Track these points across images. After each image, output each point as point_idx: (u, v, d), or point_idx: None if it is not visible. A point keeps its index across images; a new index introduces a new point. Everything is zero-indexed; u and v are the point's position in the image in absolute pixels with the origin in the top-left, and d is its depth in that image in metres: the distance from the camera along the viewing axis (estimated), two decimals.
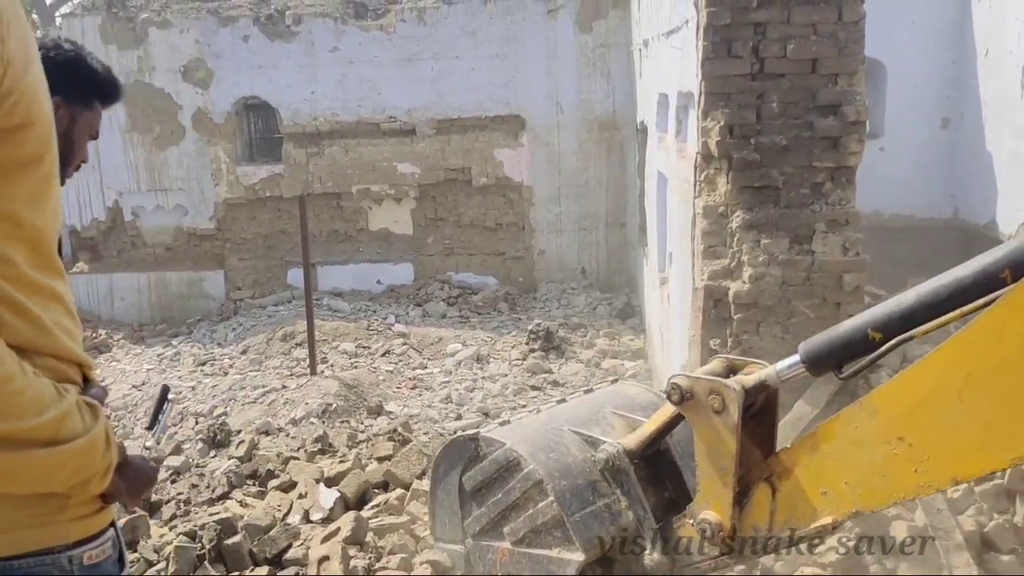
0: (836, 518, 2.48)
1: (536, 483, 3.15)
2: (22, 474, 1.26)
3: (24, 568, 1.30)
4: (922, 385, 2.18)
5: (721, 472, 2.78)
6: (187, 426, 7.63)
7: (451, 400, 7.88)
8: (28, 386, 1.24)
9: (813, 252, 5.15)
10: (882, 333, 2.26)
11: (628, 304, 10.84)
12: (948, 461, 2.16)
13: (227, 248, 12.15)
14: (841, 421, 2.41)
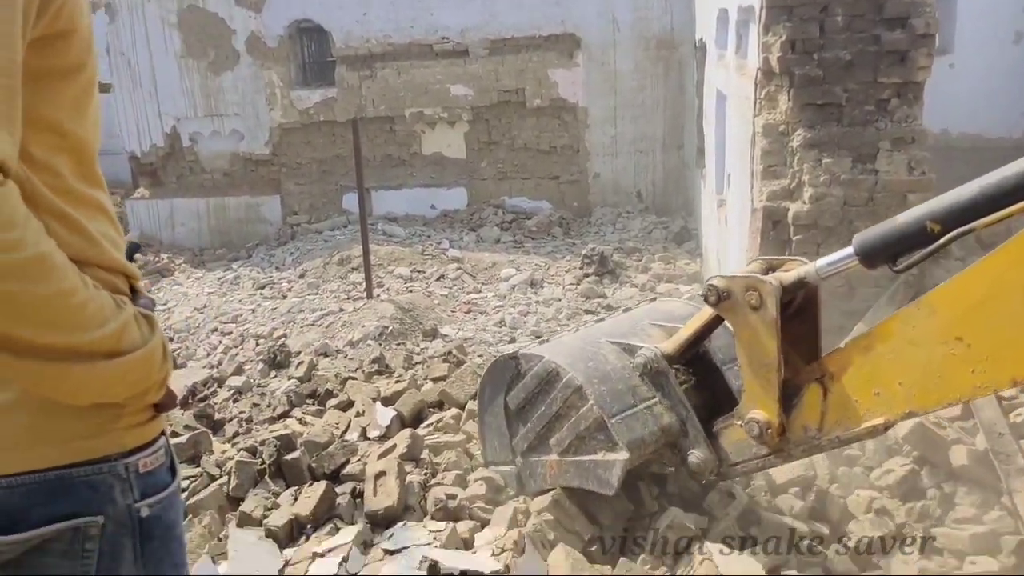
0: (888, 419, 2.44)
1: (576, 389, 3.17)
2: (85, 386, 1.28)
3: (83, 476, 1.33)
4: (983, 284, 2.11)
5: (764, 369, 2.76)
6: (248, 347, 7.80)
7: (505, 324, 7.91)
8: (91, 298, 1.25)
9: (876, 171, 4.99)
10: (941, 225, 2.18)
11: (684, 228, 10.70)
12: (1008, 361, 2.10)
13: (283, 173, 12.24)
14: (898, 321, 2.35)
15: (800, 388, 2.71)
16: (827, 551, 3.26)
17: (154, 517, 1.41)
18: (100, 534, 1.34)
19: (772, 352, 2.74)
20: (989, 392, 2.22)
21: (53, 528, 1.30)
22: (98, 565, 1.34)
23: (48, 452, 1.30)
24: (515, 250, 10.56)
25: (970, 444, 3.78)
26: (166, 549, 1.44)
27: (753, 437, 2.82)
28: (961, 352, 2.19)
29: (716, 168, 7.84)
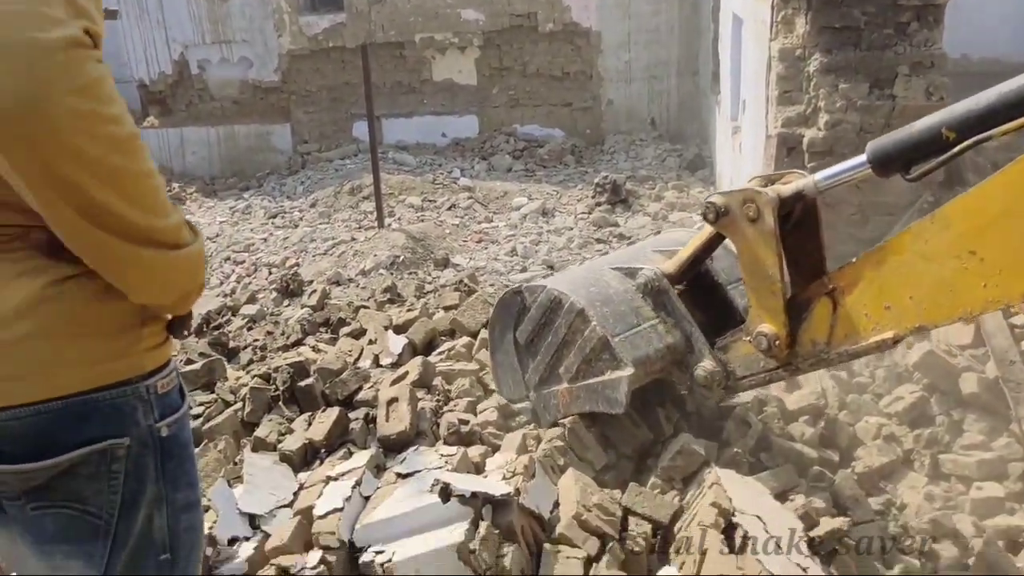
0: (898, 332, 2.44)
1: (578, 313, 3.19)
2: (155, 274, 1.34)
3: (108, 399, 1.36)
4: (999, 198, 2.08)
5: (768, 282, 2.77)
6: (261, 276, 7.83)
7: (516, 253, 7.90)
8: (162, 186, 1.31)
9: (894, 96, 4.90)
10: (957, 132, 2.14)
11: (699, 155, 10.58)
12: (1021, 275, 2.09)
13: (292, 101, 12.12)
14: (911, 235, 2.34)
15: (809, 303, 2.72)
16: (835, 476, 3.30)
17: (172, 436, 1.45)
18: (126, 455, 1.37)
19: (773, 264, 2.74)
20: (1000, 306, 2.21)
21: (82, 452, 1.33)
22: (124, 486, 1.37)
23: (72, 377, 1.32)
24: (527, 179, 10.49)
25: (980, 372, 3.78)
26: (182, 468, 1.48)
27: (761, 351, 2.83)
28: (974, 266, 2.17)
29: (731, 94, 7.72)
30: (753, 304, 2.87)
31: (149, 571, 1.43)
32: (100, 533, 1.38)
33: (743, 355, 2.97)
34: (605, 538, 2.70)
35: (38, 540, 1.38)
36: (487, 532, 2.54)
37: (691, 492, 2.94)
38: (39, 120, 1.12)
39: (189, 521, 1.49)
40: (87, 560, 1.38)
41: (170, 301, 1.40)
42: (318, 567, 2.55)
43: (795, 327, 2.76)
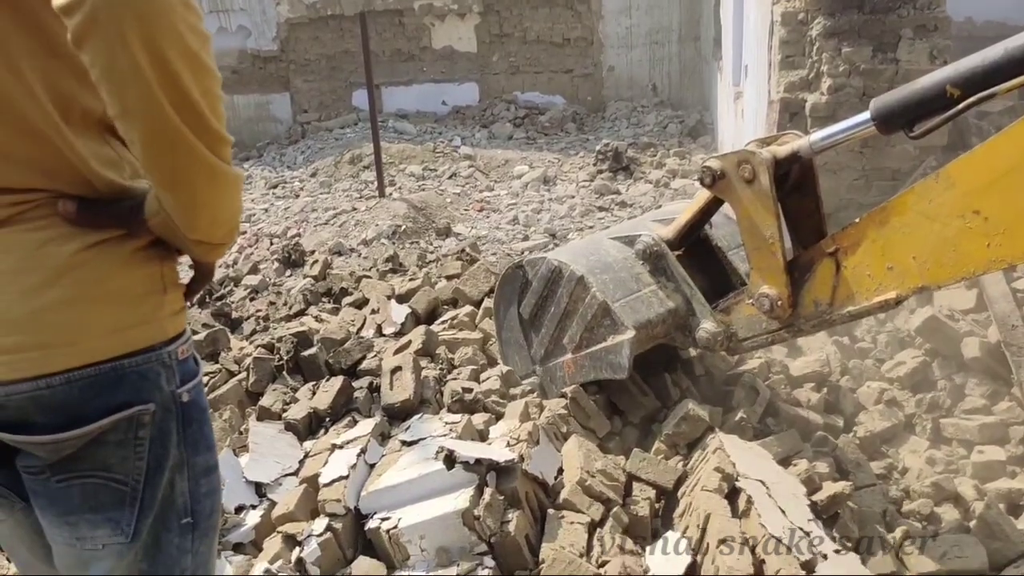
0: (900, 293, 2.45)
1: (578, 280, 3.20)
2: (225, 191, 1.33)
3: (134, 365, 1.36)
4: (1004, 158, 2.07)
5: (768, 242, 2.78)
6: (262, 247, 7.82)
7: (518, 222, 7.88)
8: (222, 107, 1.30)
9: (897, 60, 4.86)
10: (961, 89, 2.13)
11: (700, 122, 10.52)
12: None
13: (292, 70, 12.04)
14: (915, 194, 2.33)
15: (811, 264, 2.72)
16: (838, 441, 3.32)
17: (192, 401, 1.46)
18: (152, 421, 1.38)
19: (772, 224, 2.76)
20: (1003, 266, 2.20)
21: (111, 419, 1.33)
22: (149, 451, 1.39)
23: (102, 344, 1.33)
24: (528, 147, 10.44)
25: (982, 336, 3.79)
26: (201, 432, 1.49)
27: (764, 312, 2.84)
28: (978, 225, 2.17)
29: (733, 59, 7.66)
30: (754, 266, 2.88)
31: (172, 535, 1.45)
32: (127, 500, 1.38)
33: (745, 316, 2.98)
34: (609, 503, 2.72)
35: (63, 512, 1.39)
36: (491, 498, 2.56)
37: (695, 456, 2.95)
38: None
39: (209, 485, 1.50)
40: (113, 527, 1.39)
41: (220, 235, 1.39)
42: (324, 534, 2.57)
43: (797, 288, 2.76)
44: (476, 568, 2.45)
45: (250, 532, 2.76)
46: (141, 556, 1.43)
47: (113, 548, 1.40)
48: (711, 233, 3.37)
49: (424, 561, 2.51)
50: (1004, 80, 2.03)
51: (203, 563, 1.53)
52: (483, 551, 2.51)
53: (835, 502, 2.80)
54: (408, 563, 2.52)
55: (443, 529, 2.52)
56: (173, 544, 1.45)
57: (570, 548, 2.44)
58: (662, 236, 3.25)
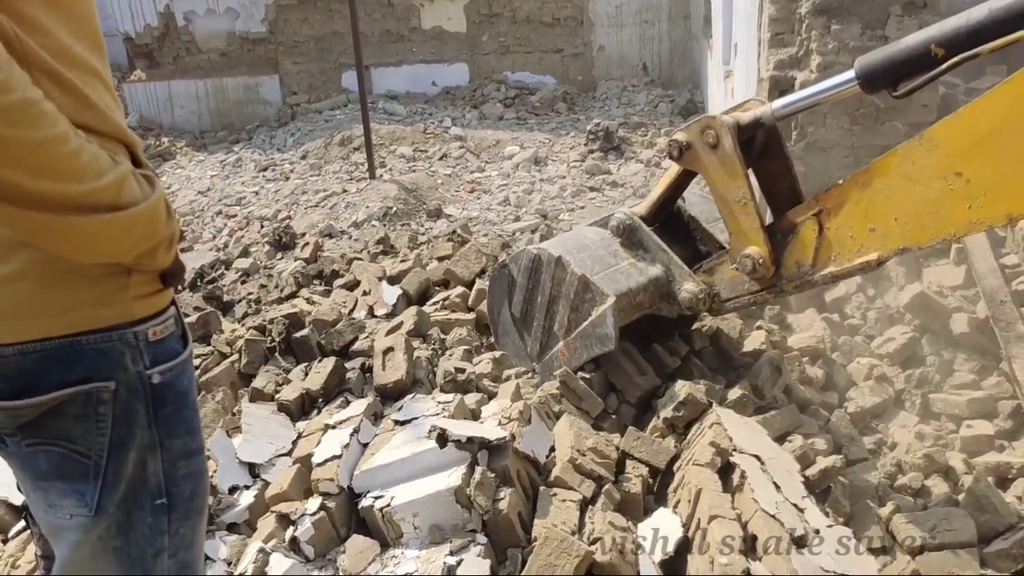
0: (882, 254, 2.46)
1: (557, 262, 3.24)
2: (89, 241, 1.28)
3: (93, 343, 1.36)
4: (987, 119, 2.08)
5: (741, 203, 2.82)
6: (253, 230, 7.81)
7: (509, 203, 7.88)
8: (83, 148, 1.24)
9: (886, 38, 4.86)
10: (945, 49, 2.14)
11: (691, 101, 10.50)
12: (1006, 197, 2.10)
13: (281, 52, 11.97)
14: (898, 156, 2.34)
15: (794, 225, 2.74)
16: (832, 416, 3.34)
17: (166, 384, 1.45)
18: (112, 399, 1.39)
19: (742, 184, 2.81)
20: (984, 228, 2.22)
21: (66, 392, 1.35)
22: (112, 428, 1.39)
23: (55, 322, 1.33)
24: (518, 127, 10.42)
25: (971, 312, 3.81)
26: (179, 415, 1.49)
27: (746, 273, 2.86)
28: (960, 187, 2.18)
29: (723, 38, 7.64)
30: (733, 230, 2.91)
31: (145, 515, 1.46)
32: (90, 473, 1.40)
33: (728, 278, 3.01)
34: (600, 480, 2.74)
35: (34, 476, 1.42)
36: (483, 476, 2.57)
37: (693, 431, 2.96)
38: None
39: (189, 468, 1.50)
40: (79, 499, 1.41)
41: (128, 259, 1.36)
42: (318, 513, 2.59)
43: (780, 249, 2.78)
44: (469, 545, 2.47)
45: (244, 512, 2.78)
46: (114, 532, 1.44)
47: (79, 520, 1.42)
48: (685, 206, 3.41)
49: (417, 538, 2.52)
50: (988, 40, 2.03)
51: (186, 544, 1.54)
52: (476, 528, 2.52)
53: (826, 476, 2.83)
54: (401, 541, 2.54)
55: (436, 507, 2.53)
56: (146, 523, 1.46)
57: (562, 525, 2.46)
58: (635, 212, 3.29)
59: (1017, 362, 3.50)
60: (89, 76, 1.34)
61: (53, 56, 1.26)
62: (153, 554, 1.48)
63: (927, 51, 2.19)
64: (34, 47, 1.24)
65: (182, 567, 1.53)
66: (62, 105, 1.24)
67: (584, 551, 2.29)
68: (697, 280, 3.10)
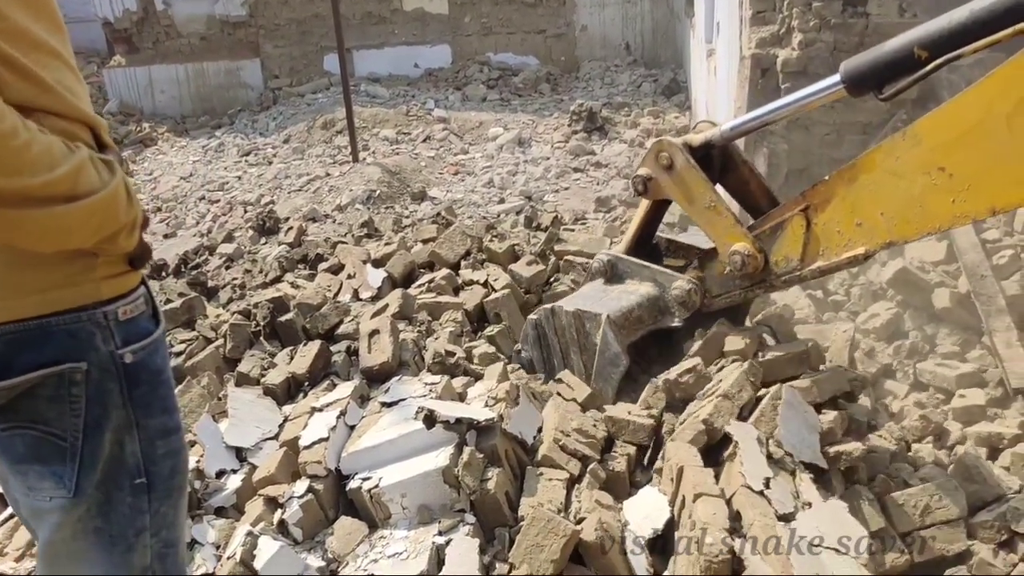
0: (869, 248, 2.50)
1: (552, 312, 3.30)
2: (47, 232, 1.28)
3: (63, 324, 1.36)
4: (969, 114, 2.11)
5: (711, 208, 2.90)
6: (236, 215, 7.77)
7: (494, 184, 7.87)
8: (34, 141, 1.22)
9: (868, 14, 4.87)
10: (929, 51, 2.17)
11: (674, 80, 10.50)
12: (988, 191, 2.14)
13: (261, 35, 11.88)
14: (882, 152, 2.38)
15: (782, 221, 2.77)
16: None
17: (139, 363, 1.45)
18: (85, 380, 1.39)
19: (703, 189, 2.90)
20: (968, 221, 2.26)
21: (37, 374, 1.34)
22: (86, 409, 1.39)
23: (24, 303, 1.33)
24: (502, 108, 10.39)
25: (952, 287, 3.84)
26: (155, 394, 1.49)
27: (736, 270, 2.90)
28: (943, 182, 2.21)
29: (705, 17, 7.63)
30: (714, 236, 2.97)
31: (124, 495, 1.46)
32: (67, 455, 1.40)
33: (718, 275, 3.05)
34: (586, 460, 2.75)
35: (12, 460, 1.42)
36: (471, 456, 2.58)
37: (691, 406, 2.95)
38: None
39: (167, 447, 1.51)
40: (57, 481, 1.41)
41: (88, 245, 1.35)
42: (305, 496, 2.59)
43: (768, 245, 2.82)
44: (457, 525, 2.48)
45: (231, 496, 2.78)
46: (95, 512, 1.44)
47: (58, 502, 1.42)
48: (663, 236, 3.50)
49: (405, 519, 2.53)
50: (970, 41, 2.06)
51: (168, 523, 1.54)
52: (464, 508, 2.53)
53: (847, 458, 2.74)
54: (390, 521, 2.55)
55: (424, 487, 2.54)
56: (126, 503, 1.47)
57: (549, 504, 2.48)
58: (614, 252, 3.38)
59: (998, 335, 3.54)
60: (50, 58, 1.33)
61: (10, 40, 1.25)
62: (134, 533, 1.48)
63: (911, 53, 2.22)
64: None
65: (164, 545, 1.53)
66: (19, 91, 1.24)
67: (571, 531, 2.30)
68: (687, 277, 3.13)
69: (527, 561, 2.27)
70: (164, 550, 1.53)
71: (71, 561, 1.46)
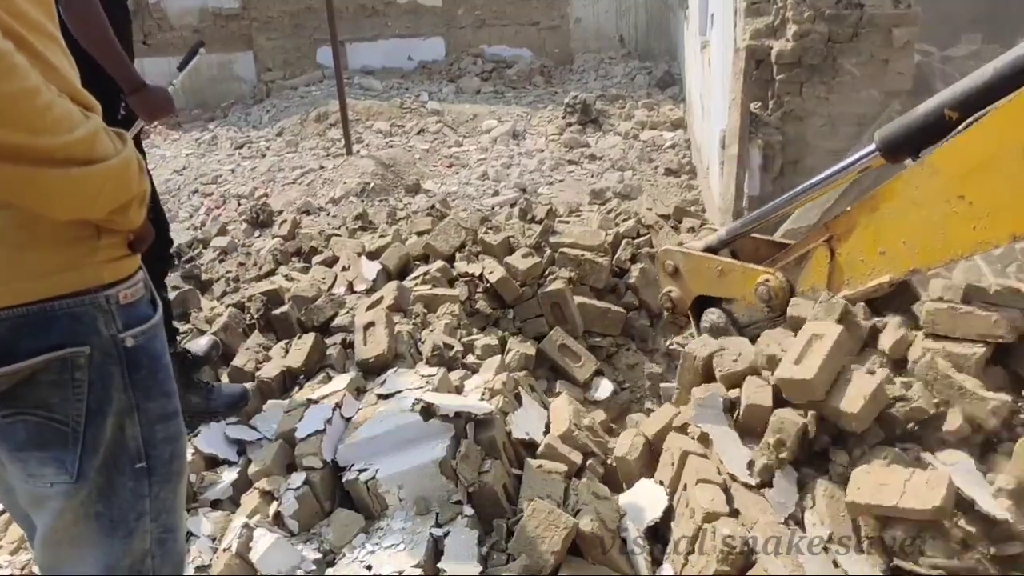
0: (893, 276, 2.53)
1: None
2: (64, 195, 1.28)
3: (65, 308, 1.35)
4: (984, 144, 2.14)
5: (721, 272, 3.03)
6: (230, 208, 7.75)
7: (488, 177, 7.86)
8: (55, 102, 1.23)
9: (862, 6, 4.87)
10: (959, 111, 2.20)
11: (668, 72, 10.49)
12: (1007, 217, 2.16)
13: (254, 27, 11.83)
14: (902, 182, 2.40)
15: (806, 252, 2.81)
16: None
17: (140, 347, 1.45)
18: (87, 364, 1.38)
19: (708, 260, 3.05)
20: (990, 248, 2.28)
21: (41, 359, 1.33)
22: (88, 394, 1.38)
23: (27, 286, 1.32)
24: (496, 101, 10.37)
25: (947, 278, 3.84)
26: (154, 378, 1.48)
27: (763, 302, 2.92)
28: (963, 210, 2.23)
29: (700, 9, 7.62)
30: (737, 291, 3.04)
31: (126, 479, 1.46)
32: (69, 440, 1.39)
33: (745, 307, 3.09)
34: (588, 455, 2.76)
35: (12, 448, 1.41)
36: (468, 448, 2.58)
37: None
38: None
39: (166, 431, 1.50)
40: (59, 467, 1.40)
41: (102, 215, 1.35)
42: (301, 488, 2.59)
43: (793, 276, 2.85)
44: (455, 517, 2.48)
45: (228, 488, 2.77)
46: (96, 498, 1.44)
47: (61, 488, 1.41)
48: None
49: (402, 510, 2.53)
50: (997, 97, 2.12)
51: (167, 508, 1.54)
52: (461, 500, 2.53)
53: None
54: (386, 513, 2.55)
55: (421, 479, 2.54)
56: (127, 488, 1.46)
57: (547, 498, 2.48)
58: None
59: None
60: (48, 40, 1.33)
61: (14, 20, 1.25)
62: (135, 518, 1.48)
63: (941, 116, 2.26)
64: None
65: (164, 530, 1.53)
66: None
67: (571, 523, 2.31)
68: (717, 311, 3.17)
69: (527, 553, 2.27)
70: (164, 535, 1.53)
71: (72, 546, 1.46)
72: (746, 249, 3.23)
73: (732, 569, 2.11)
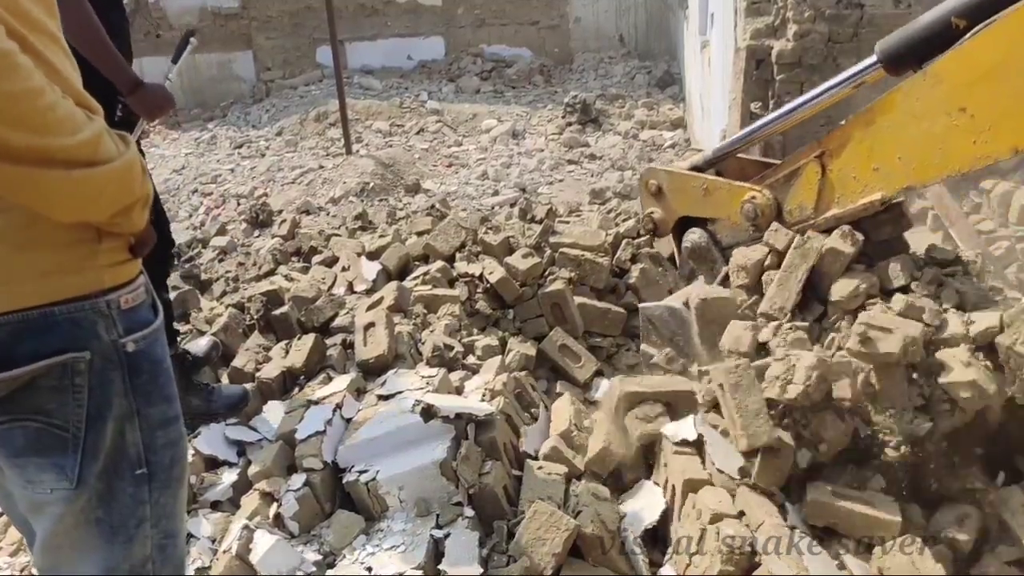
0: (886, 194, 2.44)
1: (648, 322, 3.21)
2: (67, 196, 1.27)
3: (65, 313, 1.34)
4: (993, 51, 2.06)
5: (706, 190, 2.99)
6: (229, 208, 7.75)
7: (488, 177, 7.85)
8: (59, 103, 1.23)
9: (862, 6, 4.86)
10: (967, 19, 2.13)
11: (668, 72, 10.48)
12: (1010, 131, 2.09)
13: (254, 27, 11.82)
14: (901, 93, 2.31)
15: (796, 168, 2.72)
16: None
17: (140, 352, 1.44)
18: (88, 369, 1.37)
19: (693, 178, 3.02)
20: (989, 162, 2.20)
21: (41, 364, 1.32)
22: (89, 399, 1.38)
23: (28, 290, 1.31)
24: (496, 100, 10.37)
25: None
26: (155, 383, 1.47)
27: (749, 220, 2.85)
28: (964, 123, 2.16)
29: (699, 8, 7.62)
30: (723, 209, 2.97)
31: (126, 484, 1.45)
32: (69, 446, 1.38)
33: (730, 227, 3.01)
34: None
35: (11, 454, 1.40)
36: (469, 449, 2.58)
37: None
38: None
39: (167, 437, 1.50)
40: (58, 472, 1.39)
41: (104, 217, 1.35)
42: (302, 489, 2.58)
43: (781, 194, 2.78)
44: (456, 518, 2.47)
45: (228, 490, 2.77)
46: (96, 503, 1.43)
47: (60, 493, 1.40)
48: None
49: (403, 512, 2.53)
50: (1006, 5, 2.02)
51: (167, 514, 1.53)
52: (462, 501, 2.53)
53: None
54: (387, 514, 2.54)
55: (421, 480, 2.53)
56: (127, 493, 1.45)
57: (548, 499, 2.47)
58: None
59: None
60: (49, 40, 1.32)
61: (17, 20, 1.24)
62: (135, 524, 1.47)
63: (947, 24, 2.17)
64: (1, 11, 1.22)
65: (164, 536, 1.52)
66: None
67: (573, 525, 2.30)
68: (698, 232, 3.11)
69: (528, 554, 2.27)
70: (164, 540, 1.52)
71: (72, 552, 1.45)
72: (732, 169, 3.13)
73: (736, 569, 2.11)
